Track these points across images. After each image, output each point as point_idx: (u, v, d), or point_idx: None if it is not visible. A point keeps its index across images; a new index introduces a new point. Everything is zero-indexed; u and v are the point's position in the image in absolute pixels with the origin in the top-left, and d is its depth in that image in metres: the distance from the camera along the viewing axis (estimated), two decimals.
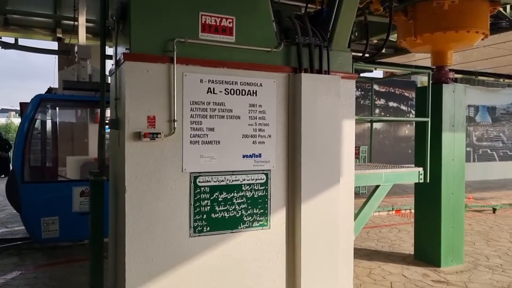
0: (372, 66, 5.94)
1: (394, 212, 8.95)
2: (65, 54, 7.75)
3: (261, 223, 3.59)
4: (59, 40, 6.99)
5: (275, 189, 3.64)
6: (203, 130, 3.35)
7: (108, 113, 4.02)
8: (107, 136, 4.02)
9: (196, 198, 3.33)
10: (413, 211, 6.83)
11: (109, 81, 4.04)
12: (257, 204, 3.57)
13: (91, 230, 3.60)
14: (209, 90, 3.37)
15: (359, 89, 13.04)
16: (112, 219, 3.86)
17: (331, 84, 3.71)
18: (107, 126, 3.91)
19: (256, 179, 3.56)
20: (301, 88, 3.57)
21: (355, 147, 4.02)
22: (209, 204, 3.38)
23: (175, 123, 3.21)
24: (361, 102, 13.22)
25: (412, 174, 5.02)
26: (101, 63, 3.82)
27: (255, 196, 3.56)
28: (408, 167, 5.18)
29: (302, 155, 3.58)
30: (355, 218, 4.20)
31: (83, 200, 5.70)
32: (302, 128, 3.58)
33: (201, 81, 3.34)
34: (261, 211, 3.59)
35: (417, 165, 5.21)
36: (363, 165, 5.33)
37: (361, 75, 9.52)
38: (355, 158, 4.07)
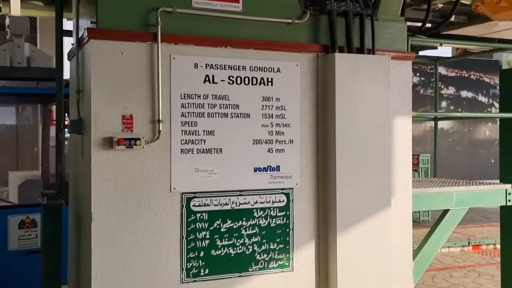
0: (437, 41, 5.96)
1: (471, 248, 8.92)
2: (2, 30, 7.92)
3: (280, 263, 3.63)
4: None
5: (300, 215, 3.69)
6: (199, 134, 3.42)
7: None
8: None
9: (189, 229, 3.39)
10: (498, 246, 6.78)
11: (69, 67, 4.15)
12: (274, 236, 3.61)
13: (43, 275, 3.67)
14: (207, 79, 3.44)
15: (418, 74, 13.03)
16: (72, 258, 3.94)
17: (377, 68, 3.75)
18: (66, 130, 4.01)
19: (273, 202, 3.61)
20: (334, 74, 3.62)
21: (413, 155, 4.05)
22: (207, 236, 3.44)
23: (161, 124, 3.28)
24: (421, 91, 13.20)
25: (496, 194, 5.00)
26: (57, 41, 3.91)
27: (272, 225, 3.61)
28: (490, 183, 5.17)
29: (337, 168, 3.62)
30: (414, 257, 4.22)
31: (23, 234, 5.76)
32: (337, 130, 3.62)
33: (196, 66, 3.41)
34: (281, 246, 3.63)
35: (503, 180, 5.20)
36: (425, 181, 5.33)
37: (421, 53, 9.52)
38: (413, 171, 4.10)
